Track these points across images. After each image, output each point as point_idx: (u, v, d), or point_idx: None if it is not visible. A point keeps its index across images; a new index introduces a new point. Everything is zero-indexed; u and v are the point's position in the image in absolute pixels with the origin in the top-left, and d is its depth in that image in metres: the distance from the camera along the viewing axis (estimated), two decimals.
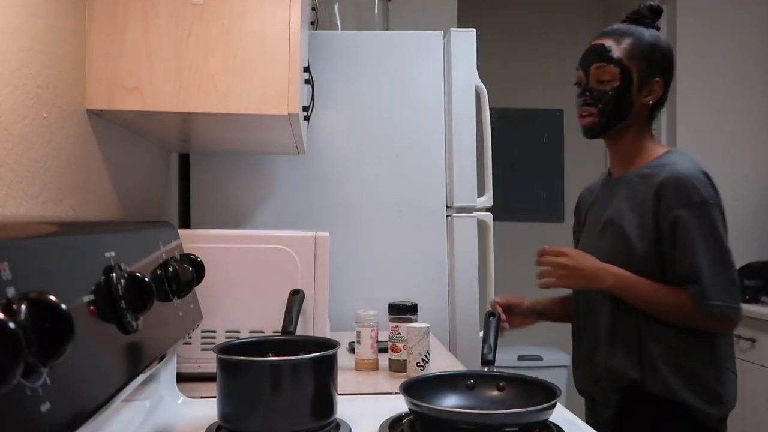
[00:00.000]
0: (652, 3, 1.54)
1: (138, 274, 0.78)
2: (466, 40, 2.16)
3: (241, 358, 1.00)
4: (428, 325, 1.47)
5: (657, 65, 1.50)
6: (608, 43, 1.51)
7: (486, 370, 1.22)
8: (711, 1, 3.48)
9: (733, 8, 3.48)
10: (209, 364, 1.33)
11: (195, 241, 1.38)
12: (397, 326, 1.51)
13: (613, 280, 1.42)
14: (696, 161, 1.46)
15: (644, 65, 1.49)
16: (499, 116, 3.75)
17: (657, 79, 1.50)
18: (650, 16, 1.54)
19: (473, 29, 2.18)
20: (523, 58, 4.05)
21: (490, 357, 1.25)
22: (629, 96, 1.49)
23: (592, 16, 4.03)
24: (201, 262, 1.13)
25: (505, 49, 3.98)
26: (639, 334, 1.44)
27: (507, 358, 3.44)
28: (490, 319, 1.39)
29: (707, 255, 1.37)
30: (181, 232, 1.30)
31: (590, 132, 1.54)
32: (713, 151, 3.42)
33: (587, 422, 1.32)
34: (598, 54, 1.51)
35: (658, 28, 1.55)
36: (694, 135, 3.44)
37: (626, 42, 1.49)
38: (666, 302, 1.41)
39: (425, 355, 1.44)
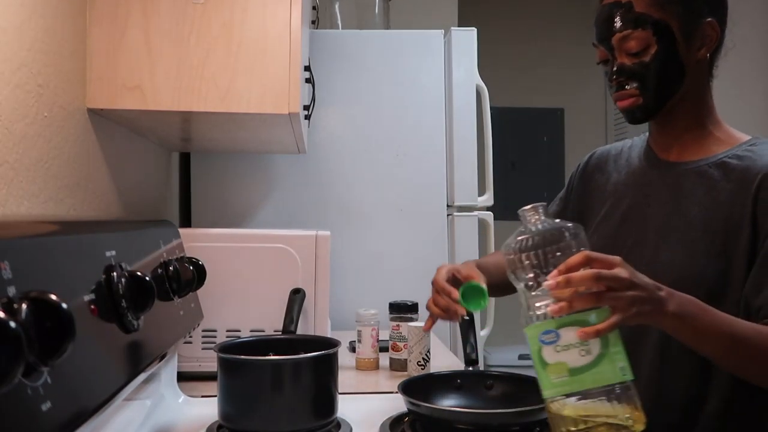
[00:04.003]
0: None
1: (139, 273, 0.78)
2: (466, 39, 2.16)
3: (242, 357, 1.00)
4: None
5: (702, 1, 1.09)
6: None
7: (471, 369, 1.21)
8: None
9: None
10: (210, 363, 1.32)
11: (196, 240, 1.38)
12: (397, 325, 1.51)
13: (677, 305, 0.90)
14: None
15: (683, 8, 1.08)
16: (499, 115, 3.75)
17: (708, 19, 1.09)
18: None
19: (474, 28, 2.18)
20: (524, 57, 4.05)
21: (473, 356, 1.24)
22: (677, 58, 1.08)
23: (593, 15, 4.02)
24: (203, 265, 1.13)
25: (506, 48, 3.98)
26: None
27: (508, 357, 3.44)
28: (465, 318, 1.37)
29: None
30: (182, 231, 1.30)
31: (635, 115, 1.12)
32: None
33: None
34: (617, 17, 1.11)
35: None
36: None
37: None
38: (757, 343, 0.93)
39: (426, 355, 1.44)
